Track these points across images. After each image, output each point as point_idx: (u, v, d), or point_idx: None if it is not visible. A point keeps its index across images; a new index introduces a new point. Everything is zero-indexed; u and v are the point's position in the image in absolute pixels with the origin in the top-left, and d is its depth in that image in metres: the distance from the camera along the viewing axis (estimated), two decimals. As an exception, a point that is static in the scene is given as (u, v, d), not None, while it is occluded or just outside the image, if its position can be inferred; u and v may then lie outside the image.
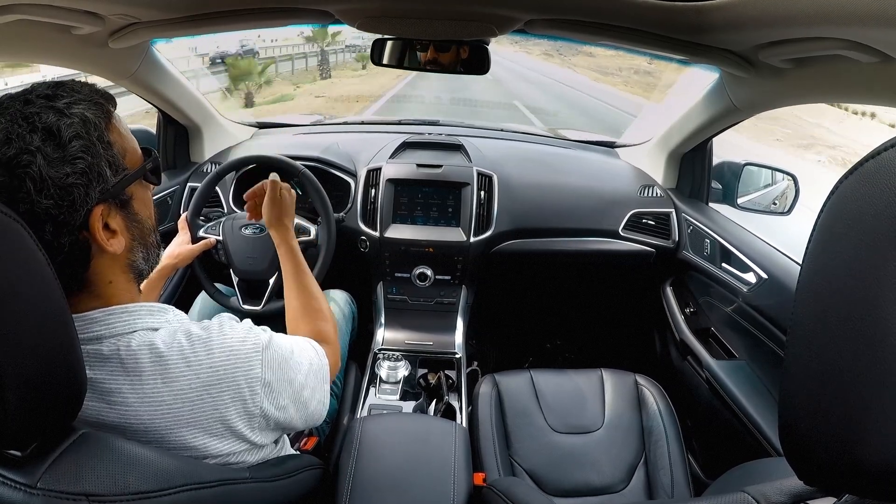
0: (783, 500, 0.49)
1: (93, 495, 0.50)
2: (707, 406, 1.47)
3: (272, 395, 0.71)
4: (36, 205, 0.56)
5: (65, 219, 0.59)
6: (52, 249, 0.58)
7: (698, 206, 1.70)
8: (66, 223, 0.59)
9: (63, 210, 0.58)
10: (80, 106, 0.61)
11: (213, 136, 1.88)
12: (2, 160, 0.55)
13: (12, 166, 0.55)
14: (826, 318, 0.38)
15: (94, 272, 0.64)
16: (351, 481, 0.92)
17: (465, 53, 1.27)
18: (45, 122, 0.57)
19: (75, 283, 0.63)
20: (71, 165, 0.58)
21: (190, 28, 1.12)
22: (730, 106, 1.35)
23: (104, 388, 0.62)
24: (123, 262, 0.68)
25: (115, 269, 0.66)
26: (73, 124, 0.59)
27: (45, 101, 0.59)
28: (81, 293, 0.64)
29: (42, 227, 0.57)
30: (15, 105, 0.58)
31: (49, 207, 0.57)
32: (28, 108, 0.58)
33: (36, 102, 0.59)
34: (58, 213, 0.58)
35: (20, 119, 0.57)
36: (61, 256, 0.59)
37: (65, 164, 0.58)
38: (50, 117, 0.58)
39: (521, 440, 1.30)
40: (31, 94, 0.60)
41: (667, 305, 1.78)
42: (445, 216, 1.65)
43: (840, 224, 0.39)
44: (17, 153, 0.55)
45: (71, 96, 0.61)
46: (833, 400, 0.37)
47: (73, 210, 0.59)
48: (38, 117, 0.57)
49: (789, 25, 0.80)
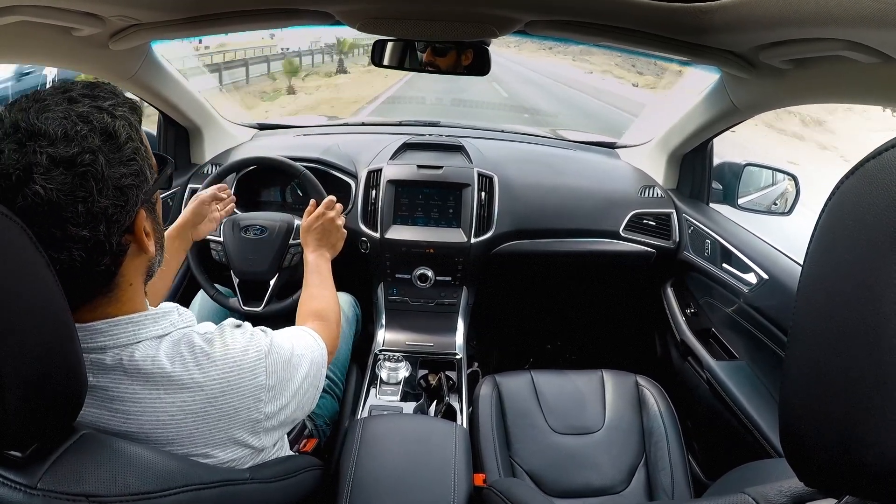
0: (784, 501, 0.49)
1: (93, 496, 0.50)
2: (708, 407, 1.47)
3: (275, 398, 0.71)
4: (95, 204, 0.56)
5: (118, 218, 0.59)
6: (101, 249, 0.59)
7: (699, 207, 1.70)
8: (119, 223, 0.59)
9: (118, 210, 0.59)
10: (123, 109, 0.62)
11: (214, 137, 1.88)
12: (65, 158, 0.54)
13: (75, 164, 0.55)
14: (827, 319, 0.38)
15: (121, 274, 0.64)
16: (351, 482, 0.92)
17: (466, 56, 1.27)
18: (101, 123, 0.57)
19: (106, 286, 0.63)
20: (126, 167, 0.59)
21: (190, 30, 1.12)
22: (730, 106, 1.35)
23: (106, 395, 0.62)
24: (146, 265, 0.68)
25: (138, 271, 0.67)
26: (123, 126, 0.60)
27: (90, 100, 0.59)
28: (104, 297, 0.63)
29: (97, 226, 0.57)
30: (61, 102, 0.57)
31: (107, 207, 0.57)
32: (77, 107, 0.57)
33: (82, 101, 0.58)
34: (113, 213, 0.58)
35: (74, 117, 0.56)
36: (108, 257, 0.60)
37: (122, 165, 0.59)
38: (105, 118, 0.58)
39: (521, 441, 1.30)
40: (73, 93, 0.59)
41: (667, 306, 1.78)
42: (446, 217, 1.65)
43: (841, 225, 0.39)
44: (80, 152, 0.55)
45: (112, 98, 0.61)
46: (834, 401, 0.37)
47: (125, 210, 0.60)
48: (93, 116, 0.57)
49: (790, 26, 0.80)
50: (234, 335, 0.70)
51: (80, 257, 0.57)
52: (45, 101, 0.57)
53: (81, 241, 0.56)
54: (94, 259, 0.58)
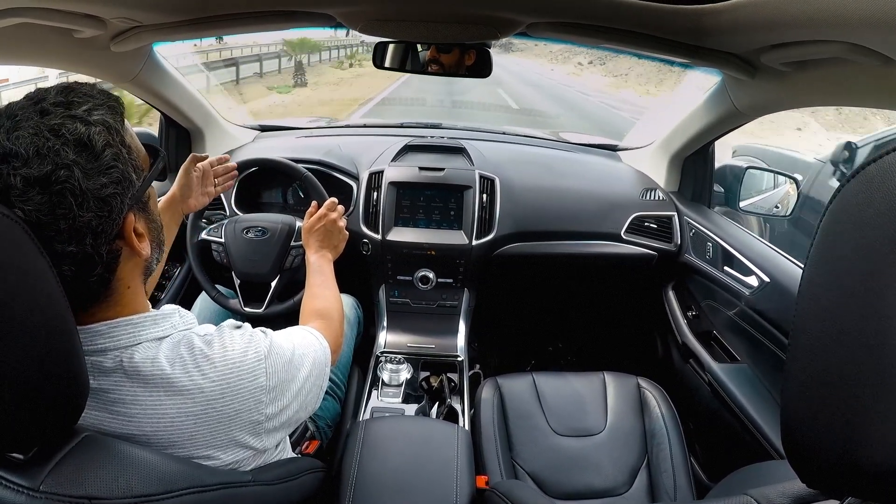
0: (786, 502, 0.49)
1: (95, 498, 0.50)
2: (709, 409, 1.47)
3: (276, 399, 0.71)
4: (77, 219, 0.55)
5: (104, 229, 0.58)
6: (91, 262, 0.58)
7: (700, 210, 1.70)
8: (105, 233, 0.58)
9: (102, 221, 0.57)
10: (99, 111, 0.59)
11: (216, 138, 1.88)
12: (38, 177, 0.53)
13: (50, 182, 0.53)
14: (828, 322, 0.38)
15: (117, 279, 0.63)
16: (353, 484, 0.92)
17: (467, 57, 1.27)
18: (74, 134, 0.55)
19: (103, 292, 0.62)
20: (106, 175, 0.57)
21: (191, 32, 1.12)
22: (732, 109, 1.35)
23: (107, 398, 0.62)
24: (143, 266, 0.67)
25: (135, 273, 0.66)
26: (100, 132, 0.57)
27: (63, 109, 0.57)
28: (102, 303, 0.63)
29: (83, 240, 0.56)
30: (32, 116, 0.55)
31: (90, 220, 0.56)
32: (49, 120, 0.55)
33: (54, 112, 0.56)
34: (97, 225, 0.57)
35: (46, 132, 0.54)
36: (100, 267, 0.59)
37: (100, 174, 0.57)
38: (78, 127, 0.56)
39: (523, 443, 1.30)
40: (45, 103, 0.57)
41: (669, 308, 1.78)
42: (448, 219, 1.65)
43: (842, 228, 0.39)
44: (54, 169, 0.53)
45: (87, 102, 0.59)
46: (835, 402, 0.37)
47: (111, 220, 0.58)
48: (64, 128, 0.55)
49: (791, 29, 0.80)
50: (234, 337, 0.70)
51: (71, 272, 0.56)
52: (16, 117, 0.55)
53: (69, 256, 0.56)
54: (85, 272, 0.58)
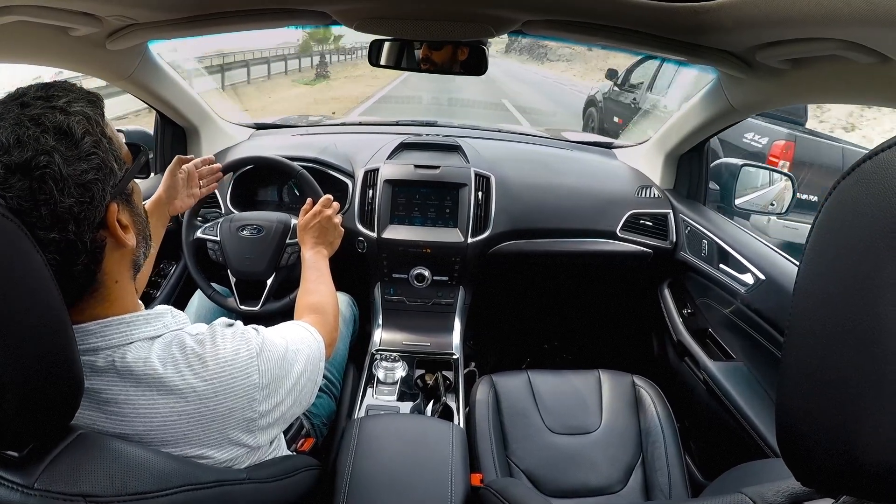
0: (780, 501, 0.49)
1: (90, 496, 0.50)
2: (704, 407, 1.47)
3: (269, 396, 0.71)
4: (59, 205, 0.56)
5: (86, 216, 0.58)
6: (75, 249, 0.58)
7: (696, 207, 1.71)
8: (88, 220, 0.59)
9: (84, 207, 0.58)
10: (79, 104, 0.61)
11: (211, 137, 1.88)
12: (19, 164, 0.54)
13: (31, 168, 0.54)
14: (823, 320, 0.39)
15: (104, 272, 0.63)
16: (348, 482, 0.92)
17: (462, 54, 1.27)
18: (54, 122, 0.57)
19: (90, 285, 0.62)
20: (87, 162, 0.58)
21: (187, 29, 1.12)
22: (727, 106, 1.35)
23: (100, 397, 0.61)
24: (129, 259, 0.67)
25: (122, 266, 0.66)
26: (80, 121, 0.59)
27: (44, 101, 0.58)
28: (91, 297, 0.63)
29: (65, 226, 0.57)
30: (13, 109, 0.57)
31: (71, 206, 0.57)
32: (29, 111, 0.57)
33: (34, 104, 0.58)
34: (79, 211, 0.58)
35: (26, 121, 0.56)
36: (84, 256, 0.59)
37: (80, 161, 0.58)
38: (57, 116, 0.57)
39: (518, 441, 1.30)
40: (26, 97, 0.59)
41: (664, 306, 1.78)
42: (443, 217, 1.65)
43: (838, 225, 0.39)
44: (34, 155, 0.55)
45: (67, 95, 0.61)
46: (830, 401, 0.37)
47: (92, 207, 0.59)
48: (44, 117, 0.57)
49: (787, 26, 0.80)
50: (225, 335, 0.70)
51: (55, 260, 0.56)
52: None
53: (52, 243, 0.56)
54: (69, 259, 0.58)
